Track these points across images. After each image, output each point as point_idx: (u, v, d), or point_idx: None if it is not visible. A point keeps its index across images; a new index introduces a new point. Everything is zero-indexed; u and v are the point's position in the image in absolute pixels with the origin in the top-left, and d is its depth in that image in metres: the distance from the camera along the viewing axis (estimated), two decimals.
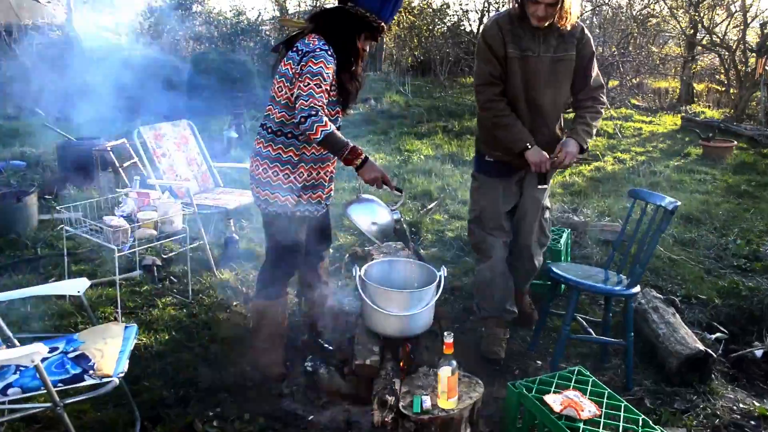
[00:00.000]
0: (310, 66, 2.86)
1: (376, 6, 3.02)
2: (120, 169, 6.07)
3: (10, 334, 2.72)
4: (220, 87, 12.08)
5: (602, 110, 3.34)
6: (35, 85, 13.07)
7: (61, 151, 6.88)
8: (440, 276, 3.08)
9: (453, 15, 18.91)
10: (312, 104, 2.78)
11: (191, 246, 4.43)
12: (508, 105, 3.22)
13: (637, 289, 3.12)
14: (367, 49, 3.19)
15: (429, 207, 5.95)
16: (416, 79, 16.52)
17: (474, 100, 12.48)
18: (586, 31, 3.25)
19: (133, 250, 3.74)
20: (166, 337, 3.59)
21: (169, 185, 4.37)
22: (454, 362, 2.42)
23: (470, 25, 18.68)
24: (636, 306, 3.74)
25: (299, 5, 18.11)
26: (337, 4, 3.14)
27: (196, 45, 15.14)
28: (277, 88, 3.06)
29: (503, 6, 17.29)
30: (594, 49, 3.28)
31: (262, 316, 3.28)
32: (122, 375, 2.45)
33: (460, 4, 22.58)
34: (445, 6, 19.15)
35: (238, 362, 3.37)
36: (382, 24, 3.09)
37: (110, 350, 2.55)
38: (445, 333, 2.42)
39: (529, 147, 3.17)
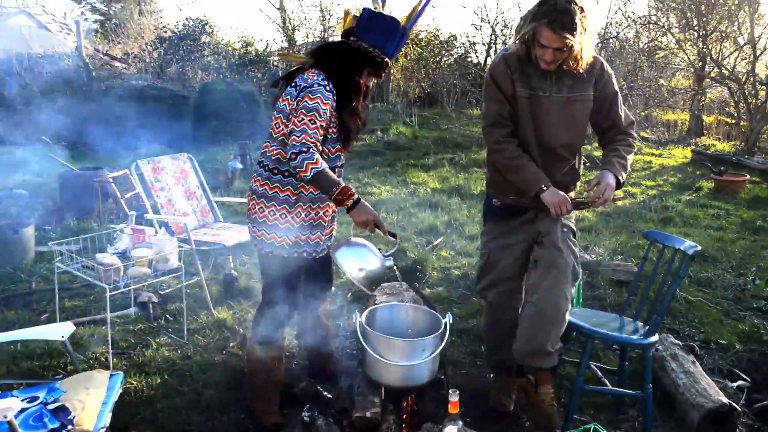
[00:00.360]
0: (306, 101, 2.75)
1: (380, 41, 2.91)
2: (122, 200, 5.98)
3: None
4: (227, 117, 12.05)
5: (635, 145, 3.03)
6: (43, 113, 13.10)
7: (63, 181, 6.78)
8: (445, 323, 2.92)
9: (460, 47, 18.95)
10: (304, 140, 2.66)
11: (188, 283, 4.28)
12: (519, 146, 2.91)
13: (655, 338, 2.95)
14: (371, 85, 3.08)
15: (435, 243, 5.79)
16: (423, 110, 16.47)
17: (481, 132, 12.37)
18: (607, 66, 2.92)
19: (128, 288, 3.59)
20: (158, 381, 3.41)
21: (166, 221, 4.24)
22: (460, 422, 2.25)
23: (477, 57, 18.70)
24: (653, 353, 3.55)
25: (307, 36, 18.20)
26: (340, 39, 3.04)
27: (204, 75, 15.15)
28: (275, 124, 2.94)
29: (510, 38, 17.32)
30: (616, 86, 2.94)
31: (257, 361, 3.11)
32: (104, 430, 2.28)
33: (467, 36, 22.53)
34: (452, 38, 19.22)
35: (232, 410, 3.20)
36: (386, 60, 2.97)
37: (92, 402, 2.39)
38: (450, 391, 2.25)
39: (545, 188, 2.83)
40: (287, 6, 17.34)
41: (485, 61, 18.23)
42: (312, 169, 2.65)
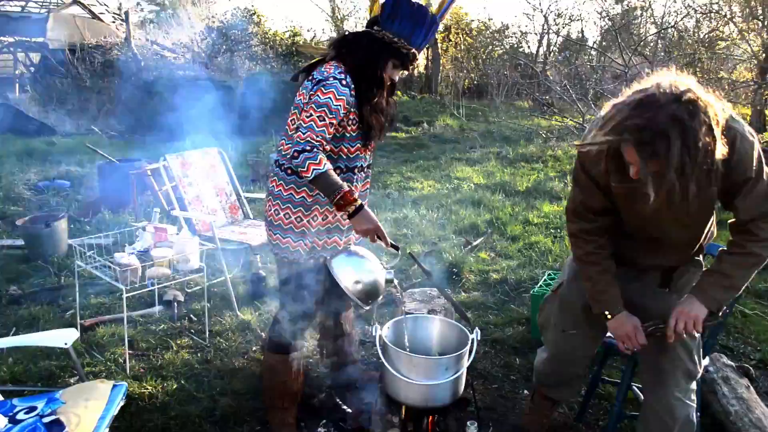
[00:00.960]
0: (317, 95, 2.55)
1: (407, 31, 2.69)
2: (158, 192, 5.91)
3: None
4: (273, 108, 11.99)
5: (760, 251, 2.17)
6: (93, 104, 13.29)
7: (101, 172, 6.77)
8: (472, 339, 2.69)
9: (511, 36, 18.53)
10: (309, 138, 2.47)
11: (213, 282, 4.17)
12: (601, 249, 2.37)
13: (705, 362, 2.66)
14: (396, 78, 2.85)
15: (474, 243, 5.55)
16: (472, 102, 16.15)
17: (529, 125, 11.99)
18: (740, 143, 2.02)
19: (145, 289, 3.48)
20: (174, 386, 3.29)
21: (189, 219, 4.11)
22: None
23: (528, 47, 18.24)
24: (703, 375, 3.26)
25: (356, 26, 18.03)
26: (363, 29, 2.83)
27: (252, 65, 15.14)
28: (291, 120, 2.76)
29: (563, 28, 16.82)
30: (752, 169, 2.06)
31: (273, 371, 2.96)
32: None
33: (518, 26, 22.09)
34: (504, 27, 18.81)
35: (248, 420, 3.06)
36: (413, 51, 2.75)
37: (89, 416, 2.26)
38: (468, 424, 2.04)
39: (610, 316, 2.34)
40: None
41: (537, 51, 17.78)
42: (314, 169, 2.46)
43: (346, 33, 2.86)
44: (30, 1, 17.71)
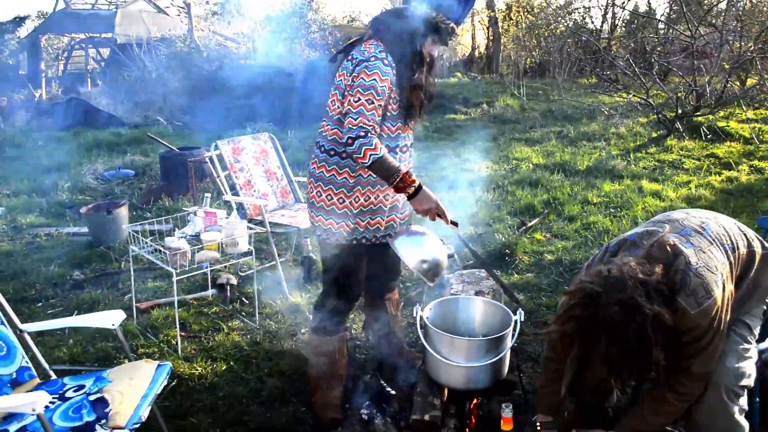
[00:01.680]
0: (362, 78, 2.51)
1: (446, 4, 2.64)
2: (218, 179, 6.03)
3: (46, 365, 2.59)
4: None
5: (676, 404, 2.22)
6: (159, 94, 13.66)
7: (163, 160, 6.95)
8: (516, 321, 2.63)
9: (574, 12, 18.00)
10: (361, 123, 2.44)
11: (267, 266, 4.23)
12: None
13: (765, 345, 2.52)
14: (436, 54, 2.79)
15: (529, 224, 5.43)
16: (533, 81, 15.79)
17: (592, 103, 11.63)
18: (683, 321, 2.04)
19: (195, 272, 3.55)
20: (223, 367, 3.35)
21: (241, 203, 4.17)
22: None
23: (593, 22, 17.68)
24: (765, 357, 3.08)
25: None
26: (401, 5, 2.78)
27: (311, 52, 15.23)
28: (331, 101, 2.74)
29: (628, 1, 16.22)
30: (697, 334, 2.07)
31: (317, 353, 2.98)
32: (138, 425, 2.19)
33: (582, 1, 21.46)
34: (567, 3, 18.29)
35: (293, 401, 3.08)
36: (452, 25, 2.69)
37: (132, 394, 2.32)
38: (503, 406, 1.99)
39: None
40: None
41: (601, 26, 17.24)
42: (371, 155, 2.45)
43: (384, 10, 2.82)
44: None
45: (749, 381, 2.18)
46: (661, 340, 1.92)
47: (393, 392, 2.94)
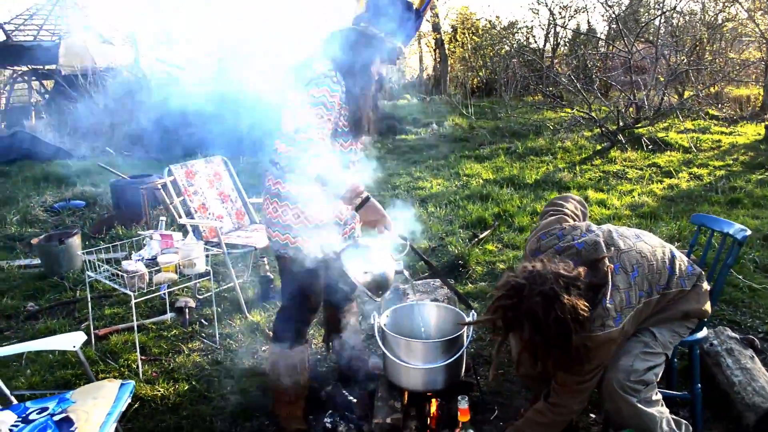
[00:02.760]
0: (312, 95, 2.61)
1: (393, 26, 2.75)
2: (171, 206, 6.02)
3: (7, 392, 2.57)
4: None
5: (553, 417, 2.40)
6: (107, 125, 13.50)
7: (114, 189, 6.91)
8: (469, 321, 2.74)
9: (518, 32, 18.50)
10: (311, 136, 2.53)
11: (222, 287, 4.26)
12: None
13: (703, 333, 2.67)
14: (383, 72, 2.91)
15: (481, 236, 5.58)
16: (481, 101, 16.15)
17: (538, 119, 11.97)
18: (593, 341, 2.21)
19: (162, 292, 3.56)
20: (186, 388, 3.37)
21: (196, 226, 4.20)
22: (472, 431, 2.07)
23: (536, 41, 18.21)
24: (707, 348, 3.27)
25: None
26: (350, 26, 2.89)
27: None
28: (283, 120, 2.82)
29: (569, 20, 16.79)
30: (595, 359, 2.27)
31: (279, 366, 3.01)
32: None
33: (524, 22, 22.04)
34: (511, 24, 18.79)
35: (257, 416, 3.12)
36: (400, 44, 2.81)
37: (97, 412, 2.34)
38: (459, 398, 2.08)
39: None
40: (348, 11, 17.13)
41: (544, 45, 17.76)
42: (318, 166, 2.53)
43: (333, 30, 2.93)
44: (42, 29, 18.02)
45: (647, 377, 2.32)
46: (579, 329, 2.08)
47: (354, 399, 3.01)
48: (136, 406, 3.19)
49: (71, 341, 2.59)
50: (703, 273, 2.51)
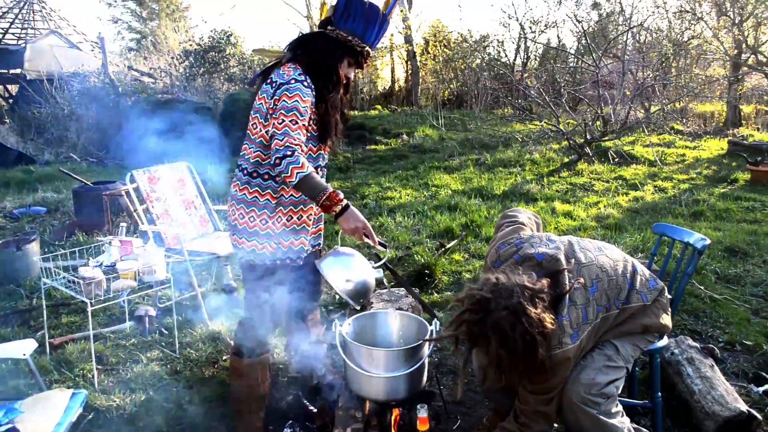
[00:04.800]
0: (284, 100, 2.58)
1: (360, 29, 2.74)
2: (135, 213, 5.91)
3: None
4: None
5: None
6: (72, 131, 13.28)
7: (76, 196, 6.76)
8: (431, 330, 2.71)
9: (489, 46, 18.67)
10: (288, 143, 2.50)
11: (184, 296, 4.18)
12: None
13: (664, 342, 2.68)
14: (351, 76, 2.90)
15: (448, 246, 5.57)
16: (452, 112, 16.25)
17: (508, 131, 12.07)
18: (554, 362, 2.21)
19: (120, 300, 3.47)
20: (143, 398, 3.28)
21: (158, 233, 4.12)
22: None
23: (506, 55, 18.39)
24: (668, 357, 3.28)
25: None
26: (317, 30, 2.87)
27: (230, 86, 15.20)
28: (252, 124, 2.80)
29: (539, 35, 17.00)
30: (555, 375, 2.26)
31: (239, 376, 2.96)
32: None
33: (496, 36, 22.25)
34: (483, 39, 18.95)
35: (215, 426, 3.05)
36: (367, 49, 2.80)
37: (46, 423, 2.26)
38: (418, 407, 2.05)
39: None
40: (314, 14, 17.20)
41: (514, 59, 17.94)
42: (297, 173, 2.49)
43: (301, 34, 2.91)
44: (7, 33, 17.70)
45: (608, 390, 2.29)
46: (545, 342, 2.05)
47: (315, 410, 2.96)
48: (90, 417, 3.10)
49: (21, 349, 2.51)
50: (665, 288, 2.51)
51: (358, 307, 2.84)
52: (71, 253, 3.82)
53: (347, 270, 2.70)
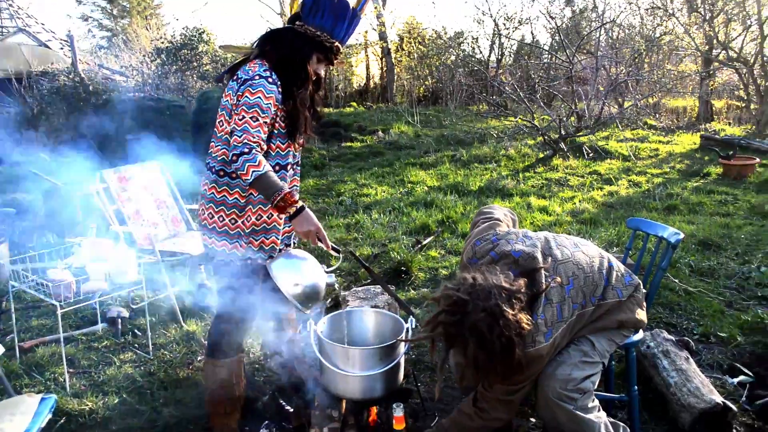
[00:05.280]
0: (246, 96, 2.53)
1: (329, 24, 2.69)
2: (106, 213, 5.82)
3: None
4: None
5: (480, 423, 2.41)
6: (41, 130, 13.06)
7: (47, 196, 6.64)
8: (407, 328, 2.69)
9: (463, 42, 18.70)
10: (246, 140, 2.45)
11: (158, 296, 4.12)
12: None
13: (639, 335, 2.68)
14: (322, 72, 2.86)
15: (424, 243, 5.56)
16: (427, 109, 16.26)
17: (483, 127, 12.09)
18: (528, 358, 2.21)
19: (91, 302, 3.40)
20: (116, 401, 3.22)
21: (129, 233, 4.05)
22: None
23: (481, 52, 18.44)
24: (644, 350, 3.30)
25: None
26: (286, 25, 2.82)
27: (203, 84, 15.04)
28: (219, 122, 2.74)
29: (513, 31, 17.07)
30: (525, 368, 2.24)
31: (214, 377, 2.91)
32: None
33: (470, 32, 22.30)
34: (457, 35, 18.98)
35: (191, 429, 3.01)
36: (336, 44, 2.76)
37: (14, 430, 2.20)
38: (394, 406, 2.03)
39: None
40: (287, 11, 17.06)
41: (489, 55, 17.99)
42: (253, 171, 2.44)
43: (269, 30, 2.85)
44: None
45: (584, 385, 2.29)
46: (521, 342, 2.05)
47: (291, 410, 2.92)
48: (62, 421, 3.04)
49: None
50: (640, 283, 2.51)
51: (307, 312, 2.78)
52: (39, 255, 3.73)
53: (297, 273, 2.63)
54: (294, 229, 2.59)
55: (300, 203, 2.53)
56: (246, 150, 2.43)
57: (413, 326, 2.72)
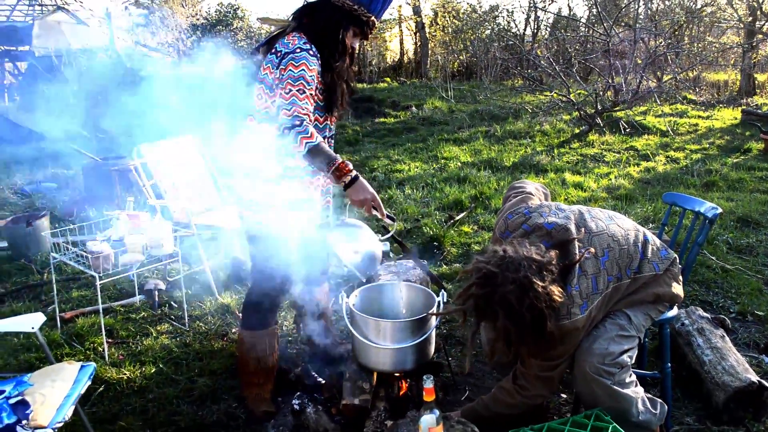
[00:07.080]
0: (290, 70, 2.53)
1: None
2: (143, 187, 5.91)
3: None
4: None
5: (519, 398, 2.40)
6: (81, 107, 13.28)
7: (86, 172, 6.78)
8: (439, 302, 2.70)
9: (498, 16, 18.43)
10: (296, 113, 2.46)
11: (193, 269, 4.19)
12: None
13: (674, 312, 2.65)
14: (356, 46, 2.86)
15: (456, 218, 5.54)
16: (461, 84, 16.10)
17: (518, 102, 11.94)
18: (561, 329, 2.19)
19: (129, 273, 3.48)
20: (153, 370, 3.31)
21: (165, 207, 4.12)
22: (437, 411, 2.03)
23: (516, 26, 18.15)
24: (679, 328, 3.26)
25: None
26: None
27: (239, 60, 15.12)
28: (257, 95, 2.75)
29: (550, 4, 16.74)
30: (561, 344, 2.26)
31: (248, 348, 2.96)
32: (61, 424, 2.16)
33: (505, 6, 21.95)
34: (493, 8, 18.71)
35: (225, 398, 3.07)
36: (372, 18, 2.75)
37: (55, 395, 2.27)
38: (425, 377, 2.04)
39: None
40: None
41: (524, 29, 17.71)
42: (306, 143, 2.46)
43: (306, 2, 2.85)
44: (15, 9, 17.65)
45: (622, 359, 2.27)
46: (553, 315, 2.04)
47: (323, 381, 2.97)
48: (101, 389, 3.13)
49: (30, 322, 2.52)
50: (677, 257, 2.48)
51: (364, 279, 2.83)
52: (79, 228, 3.82)
53: (355, 242, 2.68)
54: (349, 198, 2.60)
55: (354, 172, 2.54)
56: (297, 122, 2.45)
57: (445, 300, 2.72)
